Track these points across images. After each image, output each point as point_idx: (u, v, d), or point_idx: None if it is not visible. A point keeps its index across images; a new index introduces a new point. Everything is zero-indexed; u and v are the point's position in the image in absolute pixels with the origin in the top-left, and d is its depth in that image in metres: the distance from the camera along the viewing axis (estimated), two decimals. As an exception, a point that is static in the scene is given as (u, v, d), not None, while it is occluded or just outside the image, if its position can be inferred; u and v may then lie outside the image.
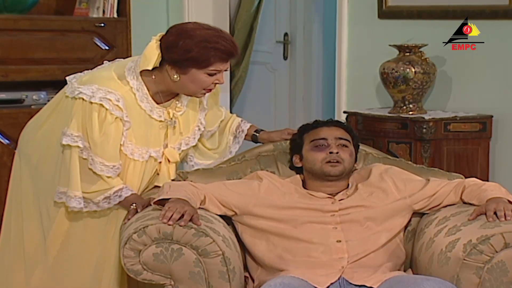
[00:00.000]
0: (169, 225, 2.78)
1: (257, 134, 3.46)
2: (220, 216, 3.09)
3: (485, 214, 2.87)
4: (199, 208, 2.99)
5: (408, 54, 4.18)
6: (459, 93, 4.27)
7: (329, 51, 5.28)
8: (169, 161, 3.20)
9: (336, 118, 4.45)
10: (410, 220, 3.13)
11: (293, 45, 5.75)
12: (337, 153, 3.11)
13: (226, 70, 3.06)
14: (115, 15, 4.64)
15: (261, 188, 3.12)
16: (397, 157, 3.71)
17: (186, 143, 3.24)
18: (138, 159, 3.10)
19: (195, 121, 3.26)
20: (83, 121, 3.01)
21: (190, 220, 2.82)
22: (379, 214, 3.04)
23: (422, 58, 4.19)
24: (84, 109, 3.01)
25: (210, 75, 3.01)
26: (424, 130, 4.03)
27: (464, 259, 2.75)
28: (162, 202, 2.93)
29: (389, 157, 3.50)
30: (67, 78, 3.18)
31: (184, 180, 3.24)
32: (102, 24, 4.59)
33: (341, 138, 3.16)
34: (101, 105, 2.99)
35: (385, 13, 4.47)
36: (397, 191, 3.10)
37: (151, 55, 3.00)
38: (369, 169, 3.24)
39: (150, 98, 3.09)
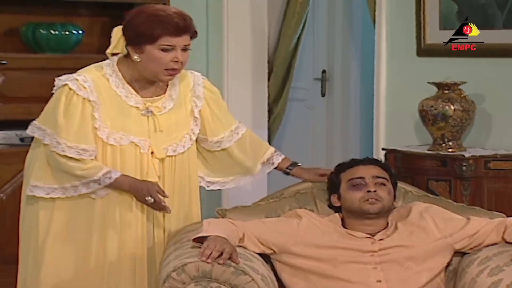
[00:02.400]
0: (208, 263, 2.78)
1: (289, 171, 3.42)
2: (259, 254, 3.08)
3: (529, 254, 2.83)
4: (238, 246, 2.98)
5: (447, 91, 4.16)
6: (499, 131, 4.23)
7: (367, 88, 5.25)
8: (152, 153, 3.14)
9: (374, 155, 4.46)
10: (451, 260, 3.09)
11: (331, 82, 5.74)
12: (375, 191, 3.11)
13: (186, 49, 3.04)
14: (155, 53, 4.67)
15: (300, 226, 3.11)
16: (437, 195, 3.68)
17: (173, 149, 3.18)
18: (113, 143, 3.06)
19: (186, 129, 3.22)
20: (50, 108, 3.06)
21: (229, 258, 2.81)
22: (419, 254, 3.01)
23: (461, 95, 4.16)
24: (54, 97, 3.06)
25: (164, 50, 2.99)
26: (464, 168, 3.98)
27: (508, 301, 2.71)
28: (201, 240, 2.92)
29: (429, 195, 3.49)
30: None
31: (223, 218, 3.24)
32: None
33: (378, 177, 3.15)
34: (68, 86, 3.00)
35: (424, 50, 4.46)
36: (437, 230, 3.08)
37: (114, 38, 3.07)
38: (409, 207, 3.22)
39: (127, 85, 3.09)
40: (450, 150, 4.12)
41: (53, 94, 3.11)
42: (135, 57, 3.02)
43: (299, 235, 3.08)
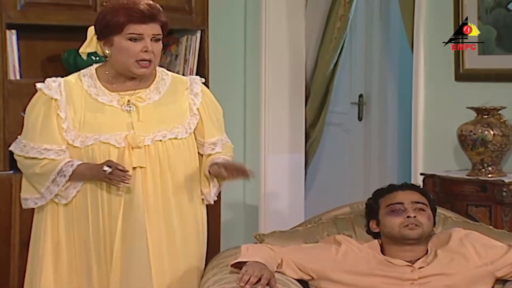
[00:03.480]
0: (247, 289, 2.76)
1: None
2: (297, 280, 3.06)
3: None
4: (276, 271, 2.98)
5: (486, 116, 4.12)
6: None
7: (405, 112, 5.22)
8: (132, 148, 2.93)
9: (412, 180, 4.42)
10: (493, 287, 3.04)
11: (368, 106, 5.72)
12: (414, 217, 3.10)
13: (157, 39, 2.92)
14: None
15: (339, 252, 3.09)
16: (477, 221, 3.66)
17: (154, 138, 2.96)
18: (78, 145, 2.94)
19: (177, 122, 3.00)
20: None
21: (268, 284, 2.82)
22: (460, 282, 2.99)
23: (501, 120, 4.13)
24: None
25: (132, 40, 2.89)
26: (504, 193, 3.94)
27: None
28: (239, 265, 2.92)
29: (469, 221, 3.47)
30: None
31: (261, 243, 3.23)
32: (182, 87, 4.62)
33: (417, 202, 3.14)
34: (37, 88, 2.97)
35: (462, 75, 4.44)
36: (478, 257, 3.05)
37: (88, 36, 3.03)
38: (449, 233, 3.20)
39: (99, 84, 2.97)
40: (489, 175, 4.08)
41: None
42: (107, 51, 2.95)
43: (338, 261, 3.06)
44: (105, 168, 2.85)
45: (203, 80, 3.17)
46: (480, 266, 3.03)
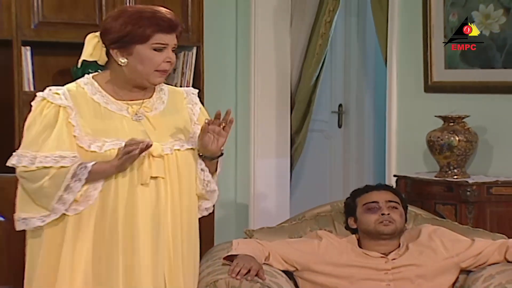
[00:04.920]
0: (237, 279, 2.77)
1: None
2: (283, 271, 3.05)
3: (528, 273, 2.77)
4: (264, 263, 2.97)
5: (452, 124, 4.13)
6: (500, 159, 4.18)
7: (380, 120, 5.22)
8: (153, 156, 2.50)
9: (386, 182, 4.42)
10: (457, 277, 3.05)
11: (347, 115, 5.72)
12: (388, 214, 3.09)
13: (175, 49, 2.52)
14: (191, 89, 4.67)
15: (320, 246, 3.09)
16: (444, 218, 3.66)
17: (180, 144, 2.57)
18: (96, 150, 2.47)
19: (186, 133, 2.60)
20: (25, 129, 2.51)
21: (256, 275, 2.81)
22: (429, 272, 2.98)
23: (465, 127, 4.13)
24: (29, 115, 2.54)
25: (157, 50, 2.47)
26: (468, 193, 3.94)
27: (510, 316, 2.65)
28: (231, 258, 2.91)
29: (437, 218, 3.46)
30: None
31: (251, 238, 3.22)
32: (179, 98, 4.61)
33: (391, 201, 3.15)
34: (41, 97, 2.51)
35: (431, 87, 4.44)
36: (445, 250, 3.05)
37: (88, 45, 2.56)
38: (419, 229, 3.19)
39: (104, 92, 2.53)
40: (455, 176, 4.08)
41: None
42: (122, 60, 2.48)
43: (319, 254, 3.06)
44: (126, 149, 2.40)
45: (197, 91, 2.83)
46: (447, 258, 3.03)
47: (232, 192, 5.13)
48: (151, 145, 2.41)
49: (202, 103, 3.02)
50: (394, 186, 4.03)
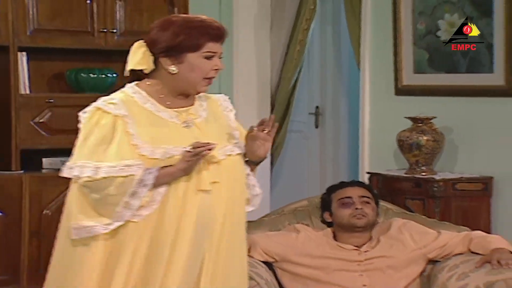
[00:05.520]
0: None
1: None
2: (263, 262, 3.05)
3: (490, 262, 2.80)
4: (248, 255, 2.94)
5: (420, 125, 4.15)
6: (465, 157, 4.22)
7: (354, 121, 5.25)
8: (209, 162, 2.37)
9: (360, 178, 4.43)
10: (425, 267, 3.06)
11: (323, 116, 5.73)
12: (361, 208, 3.09)
13: (221, 57, 2.41)
14: (177, 93, 4.67)
15: (298, 239, 3.09)
16: (413, 212, 3.67)
17: (231, 149, 2.44)
18: (159, 157, 2.33)
19: (231, 140, 2.46)
20: (81, 139, 2.35)
21: None
22: (398, 263, 2.99)
23: (432, 128, 4.16)
24: (82, 125, 2.37)
25: (207, 58, 2.36)
26: (435, 188, 3.97)
27: (473, 302, 2.68)
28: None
29: (406, 212, 3.47)
30: None
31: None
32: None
33: (364, 196, 3.15)
34: (96, 107, 2.36)
35: (401, 90, 4.46)
36: (413, 242, 3.06)
37: (135, 54, 2.41)
38: (389, 223, 3.20)
39: (153, 100, 2.40)
40: (423, 173, 4.11)
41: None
42: (173, 68, 2.37)
43: (297, 246, 3.06)
44: (187, 148, 2.30)
45: (228, 97, 2.67)
46: (415, 249, 3.04)
47: (216, 188, 5.13)
48: (214, 147, 2.32)
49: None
50: (367, 182, 4.07)
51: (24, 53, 4.10)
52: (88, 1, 4.29)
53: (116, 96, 2.40)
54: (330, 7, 5.53)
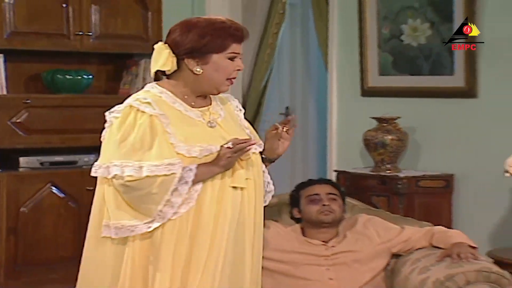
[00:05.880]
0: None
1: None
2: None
3: (450, 256, 2.84)
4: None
5: (385, 124, 4.19)
6: (427, 156, 4.26)
7: (322, 121, 5.28)
8: (241, 159, 2.34)
9: (328, 176, 4.46)
10: (389, 261, 3.08)
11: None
12: (328, 205, 3.09)
13: (240, 58, 2.38)
14: (151, 94, 4.66)
15: (268, 234, 3.08)
16: (378, 208, 3.69)
17: (254, 147, 2.38)
18: (196, 156, 2.28)
19: (249, 138, 2.39)
20: (117, 138, 2.26)
21: None
22: (364, 257, 3.00)
23: (397, 128, 4.19)
24: (118, 123, 2.29)
25: (230, 59, 2.33)
26: (399, 186, 4.00)
27: (434, 294, 2.71)
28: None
29: (372, 208, 3.48)
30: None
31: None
32: (141, 101, 4.60)
33: (331, 193, 3.14)
34: (130, 106, 2.29)
35: (367, 91, 4.49)
36: (378, 237, 3.07)
37: (159, 55, 2.33)
38: (355, 218, 3.20)
39: (180, 100, 2.35)
40: (388, 171, 4.14)
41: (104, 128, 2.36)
42: (197, 69, 2.32)
43: (267, 241, 3.03)
44: (228, 145, 2.27)
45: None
46: (380, 244, 3.03)
47: (189, 186, 5.13)
48: (255, 143, 2.31)
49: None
50: (335, 180, 4.08)
51: (1, 55, 4.06)
52: (64, 5, 4.26)
53: (146, 95, 2.32)
54: (299, 12, 5.56)
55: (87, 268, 2.35)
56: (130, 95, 2.38)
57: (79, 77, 4.47)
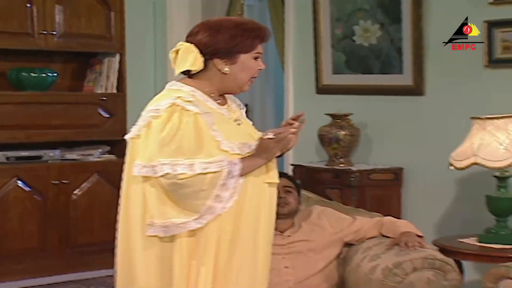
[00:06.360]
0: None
1: None
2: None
3: (399, 244, 2.87)
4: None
5: (338, 121, 4.20)
6: (378, 150, 4.29)
7: (279, 117, 5.30)
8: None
9: (285, 170, 4.46)
10: (341, 250, 3.10)
11: (252, 113, 5.77)
12: (284, 197, 3.09)
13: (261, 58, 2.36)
14: (115, 91, 4.64)
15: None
16: (331, 200, 3.71)
17: None
18: (239, 152, 2.25)
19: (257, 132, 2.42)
20: (164, 137, 2.18)
21: None
22: (318, 246, 3.01)
23: (349, 124, 4.21)
24: (161, 122, 2.20)
25: (256, 59, 2.30)
26: (352, 179, 4.02)
27: (383, 281, 2.74)
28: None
29: (325, 200, 3.49)
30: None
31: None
32: (105, 98, 4.58)
33: (286, 186, 3.14)
34: (174, 105, 2.20)
35: (321, 89, 4.51)
36: (331, 227, 3.08)
37: (187, 56, 2.26)
38: (310, 210, 3.21)
39: (210, 99, 2.29)
40: (341, 165, 4.15)
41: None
42: (226, 69, 2.27)
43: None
44: (269, 136, 2.26)
45: None
46: (333, 234, 3.04)
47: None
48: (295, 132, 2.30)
49: (125, 105, 2.97)
50: (291, 173, 4.10)
51: (-34, 53, 4.01)
52: (29, 5, 4.22)
53: (183, 94, 2.24)
54: (256, 12, 5.57)
55: (133, 268, 2.23)
56: (93, 92, 2.35)
57: (44, 75, 4.43)
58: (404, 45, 4.07)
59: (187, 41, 2.29)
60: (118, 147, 4.65)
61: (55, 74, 4.49)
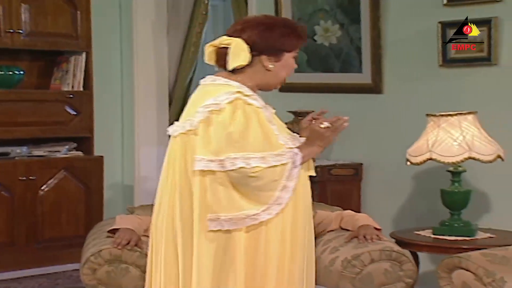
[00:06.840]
0: (119, 249, 2.71)
1: None
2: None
3: (357, 237, 2.88)
4: (144, 235, 2.91)
5: (301, 118, 4.19)
6: (339, 147, 4.29)
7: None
8: None
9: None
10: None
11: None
12: None
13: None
14: (81, 89, 4.59)
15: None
16: (293, 195, 3.69)
17: None
18: (292, 146, 2.23)
19: None
20: (230, 132, 2.14)
21: (136, 245, 2.76)
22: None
23: (311, 120, 4.21)
24: (225, 118, 2.15)
25: (294, 58, 2.30)
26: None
27: (342, 272, 2.75)
28: (114, 231, 2.86)
29: None
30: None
31: (132, 214, 3.17)
32: (71, 96, 4.53)
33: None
34: (236, 100, 2.16)
35: (284, 87, 4.37)
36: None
37: (240, 51, 2.20)
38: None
39: (255, 93, 2.27)
40: (303, 161, 4.15)
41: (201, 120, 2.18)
42: (271, 66, 2.25)
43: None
44: (324, 125, 2.27)
45: None
46: None
47: (119, 175, 5.06)
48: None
49: (92, 102, 2.91)
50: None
51: None
52: (-6, 3, 4.13)
53: (237, 89, 2.20)
54: (221, 12, 5.54)
55: (195, 262, 2.16)
56: (60, 90, 2.29)
57: (11, 73, 4.35)
58: (363, 44, 4.07)
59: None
60: (85, 144, 4.59)
61: (22, 72, 4.40)
